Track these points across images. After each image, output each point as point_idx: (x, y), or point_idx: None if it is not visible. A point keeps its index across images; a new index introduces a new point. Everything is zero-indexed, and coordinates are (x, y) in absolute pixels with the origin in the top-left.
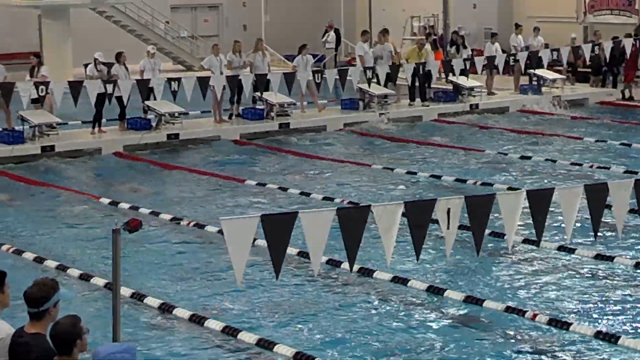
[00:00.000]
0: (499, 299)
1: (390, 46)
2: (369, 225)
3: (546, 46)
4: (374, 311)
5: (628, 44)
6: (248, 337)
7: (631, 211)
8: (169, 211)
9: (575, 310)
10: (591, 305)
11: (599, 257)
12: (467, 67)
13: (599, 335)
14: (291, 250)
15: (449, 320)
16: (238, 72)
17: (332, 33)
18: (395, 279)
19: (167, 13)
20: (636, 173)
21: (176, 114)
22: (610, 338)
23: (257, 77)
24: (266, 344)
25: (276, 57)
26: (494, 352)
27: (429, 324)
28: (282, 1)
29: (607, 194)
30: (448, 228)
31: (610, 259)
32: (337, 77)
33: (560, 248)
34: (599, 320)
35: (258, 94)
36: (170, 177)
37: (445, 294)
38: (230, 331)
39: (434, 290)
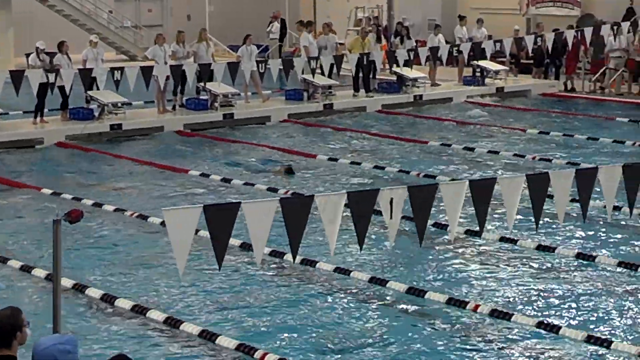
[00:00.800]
0: (441, 290)
1: (335, 37)
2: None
3: (489, 38)
4: (317, 302)
5: (570, 35)
6: (190, 328)
7: (572, 200)
8: (112, 202)
9: (517, 301)
10: (533, 296)
11: (540, 247)
12: (411, 58)
13: (540, 325)
14: (234, 242)
15: (391, 311)
16: (182, 62)
17: (276, 23)
18: (338, 270)
19: (111, 2)
20: (578, 164)
21: (119, 104)
22: (552, 328)
23: (201, 67)
24: (208, 336)
25: (220, 47)
26: (436, 343)
27: (370, 314)
28: None
29: (549, 184)
30: (391, 218)
31: (552, 249)
32: (281, 67)
33: (503, 239)
34: (541, 311)
35: (202, 84)
36: (113, 167)
37: (388, 285)
38: (172, 322)
39: (377, 281)
